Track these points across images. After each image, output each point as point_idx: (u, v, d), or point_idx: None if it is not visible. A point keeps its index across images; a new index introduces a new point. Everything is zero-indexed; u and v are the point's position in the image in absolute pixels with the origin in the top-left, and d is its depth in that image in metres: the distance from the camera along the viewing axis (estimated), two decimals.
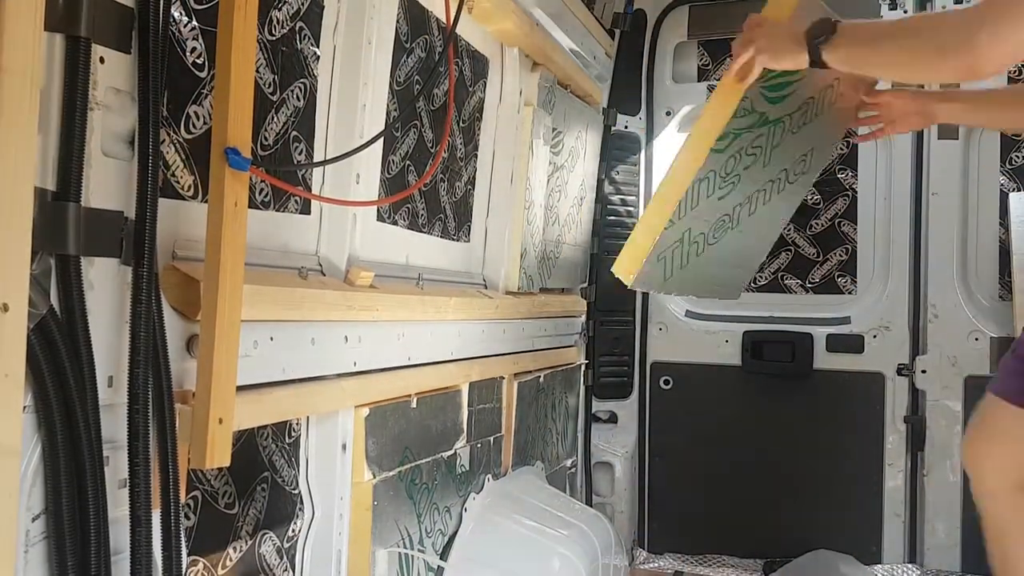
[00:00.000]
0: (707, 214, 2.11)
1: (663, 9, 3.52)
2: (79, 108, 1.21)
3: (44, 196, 1.19)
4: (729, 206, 2.17)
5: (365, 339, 1.96)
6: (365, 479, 1.97)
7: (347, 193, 1.92)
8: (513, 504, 2.63)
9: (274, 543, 1.82)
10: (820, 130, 2.28)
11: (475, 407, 2.52)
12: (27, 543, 1.20)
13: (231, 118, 1.42)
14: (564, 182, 3.17)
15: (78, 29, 1.21)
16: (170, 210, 1.45)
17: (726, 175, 2.08)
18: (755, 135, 2.08)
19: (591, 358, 3.56)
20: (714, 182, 2.05)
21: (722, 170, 2.05)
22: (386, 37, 2.01)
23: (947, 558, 3.23)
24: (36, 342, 1.17)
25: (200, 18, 1.49)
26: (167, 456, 1.38)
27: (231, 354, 1.43)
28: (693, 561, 3.52)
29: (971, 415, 2.86)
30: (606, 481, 3.62)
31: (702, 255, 2.20)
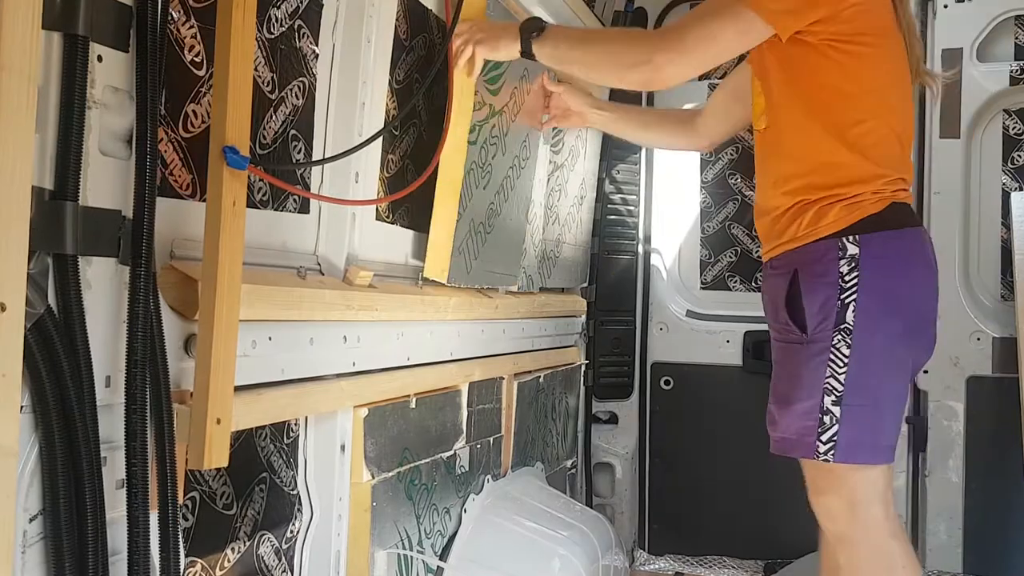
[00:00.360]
0: (480, 204, 2.36)
1: (664, 8, 3.52)
2: (77, 107, 1.21)
3: (41, 195, 1.19)
4: (491, 194, 2.43)
5: (364, 339, 1.95)
6: (364, 480, 1.97)
7: (346, 192, 1.92)
8: (513, 505, 2.62)
9: (272, 544, 1.82)
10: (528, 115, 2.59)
11: (475, 407, 2.51)
12: (24, 544, 1.20)
13: (229, 117, 1.41)
14: (564, 181, 3.17)
15: (76, 27, 1.20)
16: (168, 209, 1.44)
17: (483, 165, 2.33)
18: (491, 126, 2.35)
19: (591, 358, 3.55)
20: (477, 173, 2.29)
21: (479, 160, 2.30)
22: (385, 35, 2.01)
23: (949, 559, 3.22)
24: (33, 342, 1.16)
25: (198, 16, 1.49)
26: (165, 457, 1.38)
27: (229, 354, 1.42)
28: (694, 562, 3.51)
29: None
30: (606, 482, 3.61)
31: (486, 244, 2.43)
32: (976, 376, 3.17)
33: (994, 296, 3.27)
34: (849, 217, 1.95)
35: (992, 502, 3.18)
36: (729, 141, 3.57)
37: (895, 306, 1.95)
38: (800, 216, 2.00)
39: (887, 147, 2.02)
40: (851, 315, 1.91)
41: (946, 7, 3.22)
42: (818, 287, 1.95)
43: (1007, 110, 3.26)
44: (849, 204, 1.95)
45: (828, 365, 1.93)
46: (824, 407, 1.93)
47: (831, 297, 1.92)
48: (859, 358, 1.91)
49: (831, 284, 1.93)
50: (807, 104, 2.00)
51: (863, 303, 1.91)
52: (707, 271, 3.66)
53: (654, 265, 3.61)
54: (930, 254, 2.07)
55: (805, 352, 1.96)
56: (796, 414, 1.97)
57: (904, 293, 1.97)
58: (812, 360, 1.95)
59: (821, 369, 1.93)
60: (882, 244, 1.94)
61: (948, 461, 3.23)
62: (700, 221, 3.65)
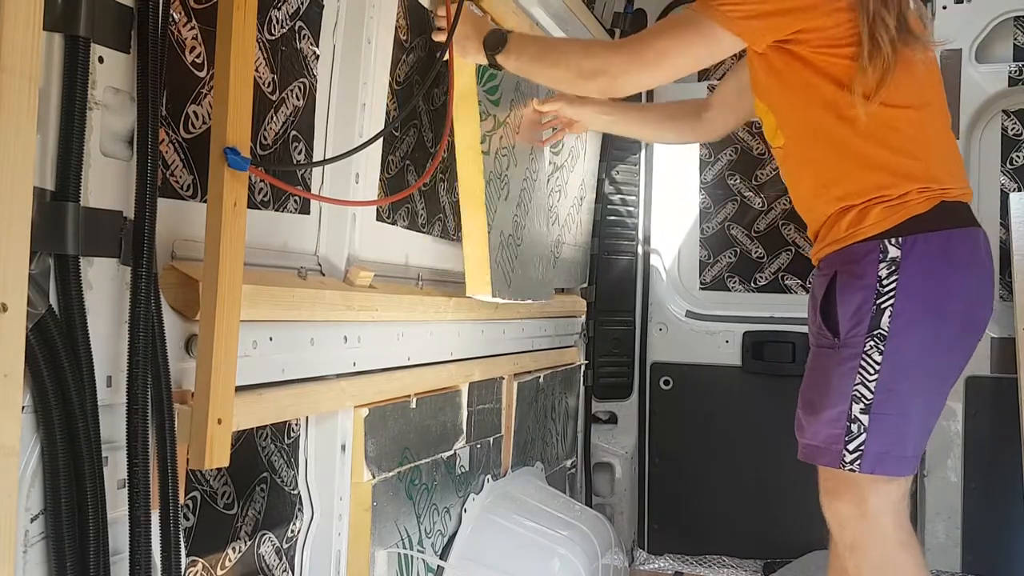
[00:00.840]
0: (505, 214, 2.31)
1: (663, 9, 3.52)
2: (78, 108, 1.21)
3: (43, 196, 1.19)
4: (514, 204, 2.40)
5: (364, 339, 1.95)
6: (364, 479, 1.97)
7: (346, 193, 1.92)
8: (513, 505, 2.62)
9: (273, 543, 1.82)
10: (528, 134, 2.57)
11: (475, 407, 2.52)
12: (26, 543, 1.20)
13: (230, 118, 1.41)
14: (564, 182, 3.17)
15: (77, 28, 1.21)
16: (169, 210, 1.45)
17: (500, 175, 2.29)
18: (499, 136, 2.32)
19: (591, 358, 3.56)
20: (496, 184, 2.25)
21: (495, 170, 2.26)
22: (385, 36, 2.01)
23: (948, 559, 3.22)
24: (35, 342, 1.16)
25: (199, 18, 1.49)
26: (166, 456, 1.38)
27: (230, 354, 1.43)
28: (693, 562, 3.51)
29: None
30: (606, 482, 3.62)
31: (519, 256, 2.40)
32: (975, 376, 3.17)
33: None
34: (892, 218, 1.87)
35: (991, 502, 3.18)
36: (728, 142, 3.59)
37: (935, 313, 1.87)
38: (842, 218, 1.94)
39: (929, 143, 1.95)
40: (886, 320, 1.84)
41: (945, 8, 3.22)
42: (854, 290, 1.88)
43: (1006, 111, 3.26)
44: (893, 205, 1.88)
45: (859, 372, 1.87)
46: (852, 415, 1.88)
47: (867, 301, 1.86)
48: (892, 366, 1.85)
49: (868, 287, 1.86)
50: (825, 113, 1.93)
51: (900, 309, 1.84)
52: (706, 271, 3.66)
53: (654, 266, 3.62)
54: (984, 256, 1.97)
55: (836, 357, 1.90)
56: (823, 421, 1.93)
57: (947, 299, 1.88)
58: (843, 366, 1.89)
59: (851, 376, 1.88)
60: (925, 246, 1.86)
61: (947, 461, 3.23)
62: (699, 222, 3.66)
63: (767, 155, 3.55)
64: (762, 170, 3.57)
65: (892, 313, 1.84)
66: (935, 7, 3.24)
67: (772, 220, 3.58)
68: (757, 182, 3.58)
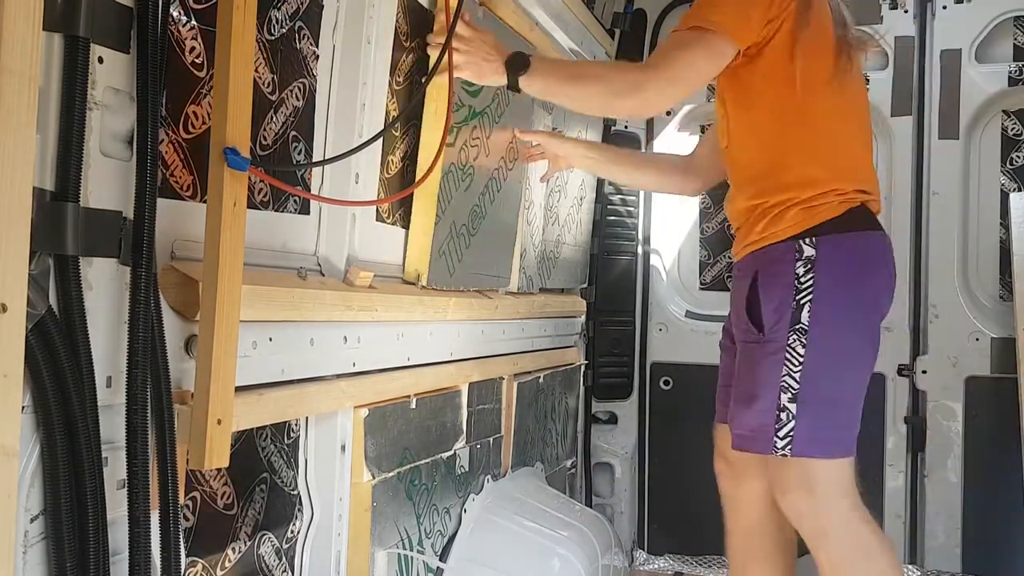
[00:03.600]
0: (462, 205, 2.34)
1: (663, 9, 3.52)
2: (78, 108, 1.21)
3: (43, 196, 1.19)
4: (475, 196, 2.41)
5: (364, 339, 1.95)
6: (364, 480, 1.97)
7: (346, 193, 1.92)
8: (513, 505, 2.62)
9: (273, 544, 1.82)
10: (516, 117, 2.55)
11: (474, 408, 2.51)
12: (26, 544, 1.20)
13: (230, 118, 1.41)
14: (564, 182, 3.17)
15: (76, 28, 1.21)
16: (169, 210, 1.45)
17: (463, 167, 2.31)
18: (471, 127, 2.32)
19: (591, 358, 3.56)
20: (456, 175, 2.29)
21: (458, 162, 2.28)
22: (385, 36, 2.01)
23: (947, 559, 3.22)
24: (35, 342, 1.16)
25: (199, 18, 1.49)
26: (166, 457, 1.38)
27: (230, 355, 1.43)
28: (693, 562, 3.51)
29: None
30: (606, 482, 3.62)
31: (471, 246, 2.42)
32: (975, 376, 3.17)
33: (993, 297, 3.27)
34: (807, 220, 1.99)
35: (991, 502, 3.18)
36: None
37: (851, 306, 2.00)
38: (761, 219, 2.05)
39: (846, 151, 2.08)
40: (806, 315, 1.96)
41: (945, 8, 3.23)
42: (775, 288, 2.00)
43: (1006, 111, 3.26)
44: (807, 208, 2.00)
45: (784, 364, 1.97)
46: (781, 404, 1.98)
47: (787, 297, 1.97)
48: (814, 357, 1.96)
49: (787, 285, 1.98)
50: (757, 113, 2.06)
51: (818, 304, 1.96)
52: (706, 272, 3.66)
53: (653, 266, 3.62)
54: (890, 257, 2.11)
55: (762, 351, 2.01)
56: (754, 411, 2.02)
57: (860, 293, 2.01)
58: (769, 359, 1.99)
59: (777, 368, 1.98)
60: (839, 246, 1.99)
61: (947, 461, 3.23)
62: (699, 222, 3.66)
63: None
64: None
65: (811, 308, 1.96)
66: (935, 7, 3.24)
67: None
68: None
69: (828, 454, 2.00)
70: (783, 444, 1.98)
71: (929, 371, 3.23)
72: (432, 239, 2.21)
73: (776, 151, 2.05)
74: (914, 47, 3.26)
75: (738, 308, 2.10)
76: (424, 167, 2.14)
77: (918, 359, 3.25)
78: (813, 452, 1.98)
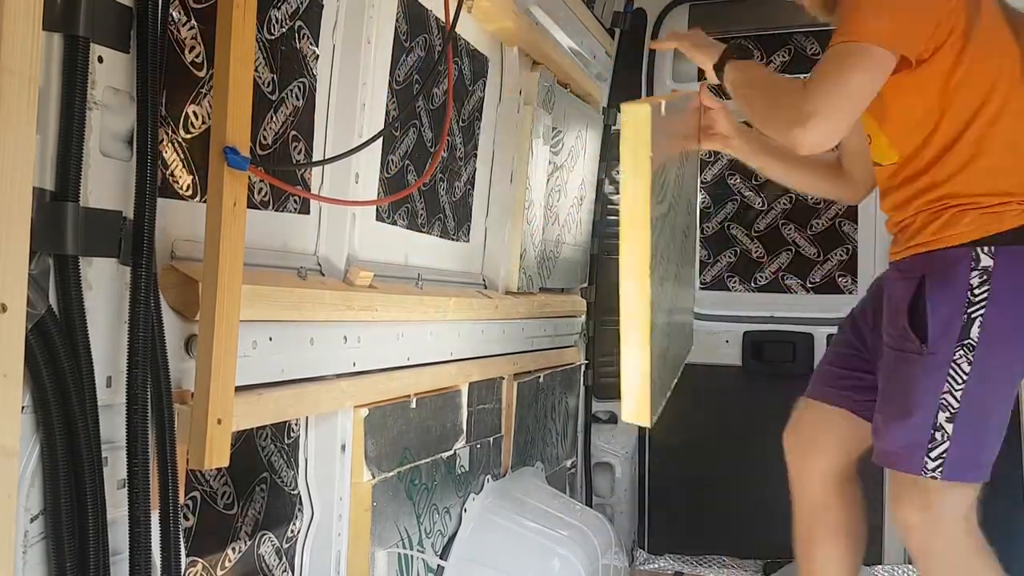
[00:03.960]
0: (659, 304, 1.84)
1: (663, 8, 3.52)
2: (77, 108, 1.21)
3: (43, 196, 1.19)
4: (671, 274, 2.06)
5: (364, 339, 1.95)
6: (364, 480, 1.97)
7: (346, 193, 1.92)
8: (513, 505, 2.62)
9: (273, 544, 1.82)
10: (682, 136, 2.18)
11: (475, 407, 2.51)
12: (25, 544, 1.20)
13: (230, 118, 1.41)
14: (564, 182, 3.17)
15: (76, 28, 1.21)
16: (169, 210, 1.45)
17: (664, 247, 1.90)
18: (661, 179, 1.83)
19: (591, 358, 3.56)
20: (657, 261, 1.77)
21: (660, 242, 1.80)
22: (385, 36, 2.01)
23: None
24: (34, 342, 1.16)
25: (199, 17, 1.49)
26: (166, 457, 1.38)
27: (230, 354, 1.43)
28: (693, 562, 3.51)
29: None
30: (606, 482, 3.62)
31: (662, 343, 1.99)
32: None
33: None
34: (987, 227, 1.84)
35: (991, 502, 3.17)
36: None
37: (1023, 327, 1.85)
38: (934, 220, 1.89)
39: None
40: (976, 331, 1.81)
41: None
42: (945, 297, 1.84)
43: None
44: (988, 212, 1.84)
45: (947, 380, 1.84)
46: (937, 423, 1.85)
47: (958, 309, 1.82)
48: (979, 376, 1.82)
49: (959, 296, 1.82)
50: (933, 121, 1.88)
51: (990, 320, 1.81)
52: (706, 271, 3.66)
53: None
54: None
55: (922, 364, 1.86)
56: (906, 427, 1.89)
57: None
58: (930, 373, 1.85)
59: (939, 384, 1.84)
60: (1019, 258, 1.83)
61: None
62: (699, 222, 3.65)
63: None
64: None
65: (982, 324, 1.82)
66: None
67: (772, 220, 3.58)
68: (757, 182, 3.58)
69: (975, 479, 1.90)
70: (934, 466, 1.85)
71: None
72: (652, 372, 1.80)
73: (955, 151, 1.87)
74: None
75: (895, 312, 1.93)
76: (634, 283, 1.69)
77: None
78: (963, 476, 1.88)
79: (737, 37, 3.50)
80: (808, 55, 3.40)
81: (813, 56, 3.35)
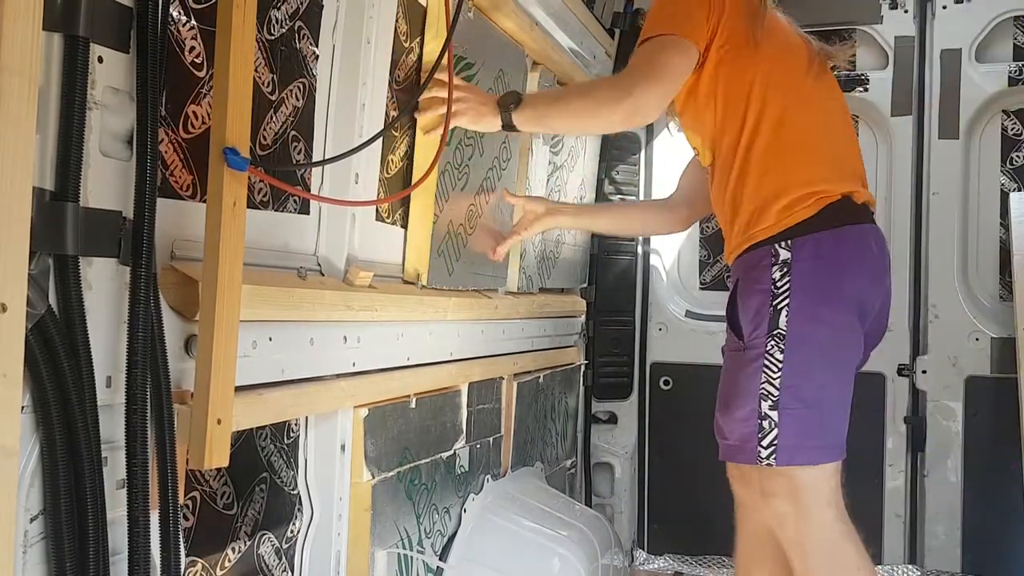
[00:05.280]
0: (459, 205, 2.37)
1: None
2: (77, 108, 1.21)
3: (42, 196, 1.19)
4: (471, 195, 2.44)
5: (364, 339, 1.95)
6: (364, 480, 1.97)
7: (346, 193, 1.92)
8: (513, 505, 2.62)
9: (273, 544, 1.82)
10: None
11: (474, 407, 2.52)
12: (25, 544, 1.20)
13: (230, 118, 1.41)
14: (564, 182, 3.17)
15: (76, 28, 1.21)
16: (168, 210, 1.45)
17: (459, 165, 2.34)
18: None
19: (591, 358, 3.56)
20: (452, 174, 2.31)
21: (455, 161, 2.31)
22: (385, 36, 2.01)
23: (947, 559, 3.22)
24: (34, 342, 1.16)
25: (199, 17, 1.49)
26: (165, 457, 1.38)
27: (230, 354, 1.43)
28: (693, 562, 3.51)
29: None
30: (606, 482, 3.62)
31: (468, 246, 2.43)
32: (975, 376, 3.17)
33: (993, 296, 3.27)
34: (781, 223, 1.97)
35: (991, 502, 3.18)
36: None
37: (830, 308, 1.96)
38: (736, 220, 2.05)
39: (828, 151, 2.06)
40: (783, 320, 1.93)
41: (945, 8, 3.22)
42: (752, 294, 1.98)
43: (1006, 111, 3.26)
44: (781, 210, 1.98)
45: (763, 371, 1.95)
46: (762, 412, 1.95)
47: (764, 303, 1.95)
48: (793, 362, 1.93)
49: (764, 291, 1.96)
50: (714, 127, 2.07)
51: (795, 309, 1.93)
52: (706, 271, 3.66)
53: (653, 265, 3.62)
54: (873, 247, 2.06)
55: (743, 359, 1.98)
56: (736, 420, 1.99)
57: (837, 294, 1.97)
58: (749, 366, 1.97)
59: (757, 375, 1.95)
60: (814, 247, 1.96)
61: (947, 461, 3.23)
62: (699, 222, 3.65)
63: None
64: None
65: (788, 312, 1.93)
66: (935, 7, 3.24)
67: None
68: None
69: (813, 460, 1.97)
70: (767, 453, 1.95)
71: (929, 371, 3.23)
72: (431, 239, 2.22)
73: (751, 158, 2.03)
74: (914, 47, 3.26)
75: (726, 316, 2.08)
76: (422, 167, 2.14)
77: (918, 359, 3.25)
78: (797, 460, 1.95)
79: None
80: None
81: None
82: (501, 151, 2.61)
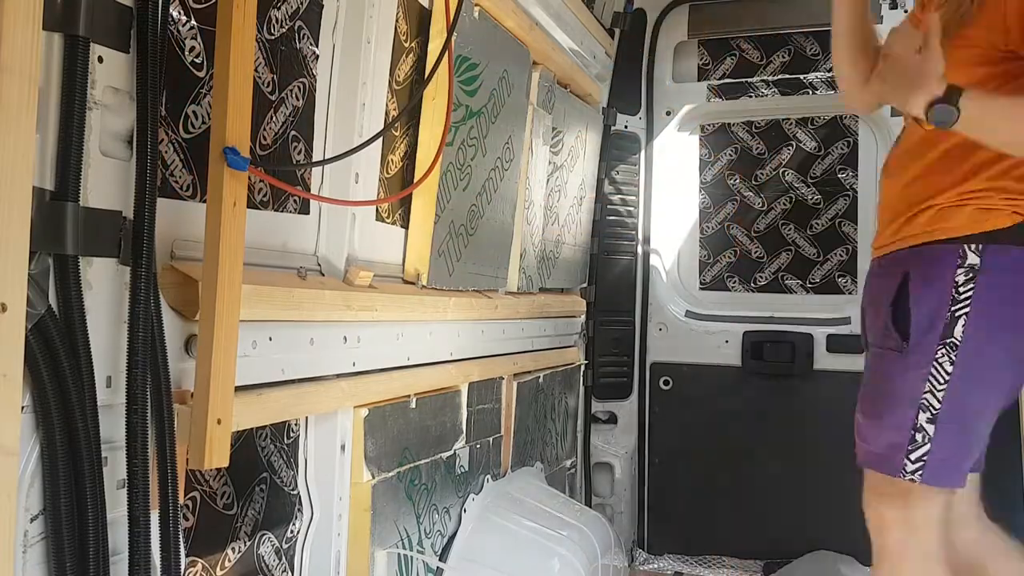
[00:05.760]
0: (460, 205, 2.38)
1: (663, 9, 3.52)
2: (77, 107, 1.21)
3: (42, 196, 1.19)
4: (473, 195, 2.45)
5: (364, 339, 1.95)
6: (364, 480, 1.97)
7: (346, 193, 1.92)
8: (512, 505, 2.62)
9: (273, 544, 1.82)
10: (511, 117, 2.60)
11: (474, 407, 2.51)
12: (25, 543, 1.20)
13: (230, 117, 1.41)
14: (564, 182, 3.17)
15: (76, 28, 1.21)
16: (169, 210, 1.45)
17: (461, 166, 2.35)
18: (468, 127, 2.36)
19: (591, 358, 3.56)
20: (455, 175, 2.32)
21: (457, 162, 2.32)
22: (385, 36, 2.01)
23: None
24: (34, 342, 1.16)
25: (199, 17, 1.49)
26: (165, 457, 1.38)
27: (230, 354, 1.43)
28: (693, 562, 3.51)
29: None
30: (606, 482, 3.62)
31: (469, 246, 2.45)
32: None
33: None
34: (976, 224, 1.79)
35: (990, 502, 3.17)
36: (728, 142, 3.59)
37: (1010, 328, 1.79)
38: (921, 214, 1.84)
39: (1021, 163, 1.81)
40: (959, 330, 1.76)
41: None
42: (929, 294, 1.79)
43: None
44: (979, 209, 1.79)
45: (928, 379, 1.78)
46: (918, 424, 1.79)
47: (941, 307, 1.77)
48: (962, 376, 1.77)
49: (943, 293, 1.77)
50: None
51: (975, 321, 1.76)
52: (706, 272, 3.66)
53: (653, 266, 3.62)
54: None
55: (903, 363, 1.82)
56: (886, 427, 1.84)
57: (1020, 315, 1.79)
58: (910, 372, 1.80)
59: (919, 383, 1.79)
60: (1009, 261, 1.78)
61: None
62: (699, 222, 3.66)
63: (766, 155, 3.55)
64: (762, 170, 3.57)
65: (966, 323, 1.77)
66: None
67: (772, 220, 3.58)
68: (757, 182, 3.58)
69: (951, 484, 1.83)
70: (914, 469, 1.80)
71: None
72: (431, 238, 2.22)
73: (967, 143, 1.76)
74: None
75: (878, 309, 1.89)
76: (423, 166, 2.14)
77: None
78: (944, 481, 1.81)
79: (737, 37, 3.54)
80: (808, 55, 3.39)
81: (813, 56, 3.35)
82: (504, 151, 2.61)
